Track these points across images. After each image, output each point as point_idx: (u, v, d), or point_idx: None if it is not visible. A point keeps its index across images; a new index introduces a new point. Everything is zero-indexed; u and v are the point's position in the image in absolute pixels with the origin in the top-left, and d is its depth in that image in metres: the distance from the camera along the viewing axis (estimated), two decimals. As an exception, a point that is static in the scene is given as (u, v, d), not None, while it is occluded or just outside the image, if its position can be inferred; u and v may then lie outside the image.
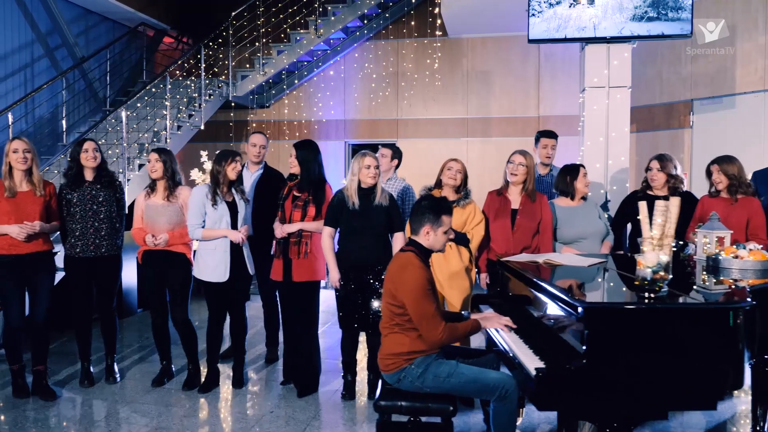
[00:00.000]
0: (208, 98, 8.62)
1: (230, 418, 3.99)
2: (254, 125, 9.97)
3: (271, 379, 4.77)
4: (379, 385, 3.08)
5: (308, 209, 4.31)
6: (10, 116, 6.62)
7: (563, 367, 2.36)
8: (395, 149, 5.12)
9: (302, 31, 9.15)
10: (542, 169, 5.28)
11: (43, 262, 4.32)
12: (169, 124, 7.64)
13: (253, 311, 5.87)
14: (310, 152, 4.38)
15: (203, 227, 4.31)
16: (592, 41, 5.27)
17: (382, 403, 2.88)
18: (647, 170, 4.66)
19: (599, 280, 3.16)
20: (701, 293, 2.88)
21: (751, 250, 3.32)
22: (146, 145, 7.54)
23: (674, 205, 2.56)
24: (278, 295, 4.56)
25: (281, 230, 4.31)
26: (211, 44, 9.25)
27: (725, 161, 4.31)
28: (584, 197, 4.53)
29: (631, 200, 4.77)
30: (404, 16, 9.68)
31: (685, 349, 2.27)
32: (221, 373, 4.62)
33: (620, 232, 4.88)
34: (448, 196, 4.37)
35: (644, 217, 2.60)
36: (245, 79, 9.05)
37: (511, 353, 2.79)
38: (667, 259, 2.45)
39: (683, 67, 7.81)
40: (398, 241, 4.23)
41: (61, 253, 5.27)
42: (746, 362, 2.37)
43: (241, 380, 4.55)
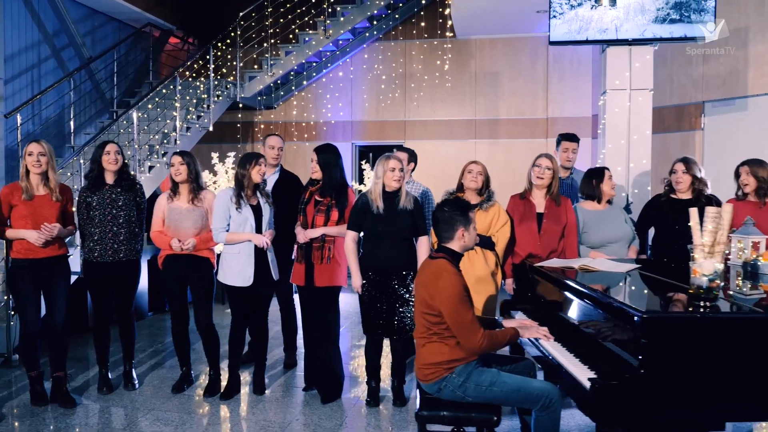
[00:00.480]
0: (216, 99, 8.55)
1: (256, 425, 3.92)
2: (262, 126, 9.90)
3: (292, 384, 4.70)
4: (417, 394, 3.03)
5: (331, 214, 4.25)
6: (18, 117, 6.54)
7: (619, 377, 2.31)
8: (411, 152, 5.07)
9: (311, 31, 9.09)
10: (562, 172, 5.23)
11: (59, 266, 4.26)
12: (179, 125, 7.56)
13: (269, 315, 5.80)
14: (331, 156, 4.32)
15: (228, 231, 4.25)
16: (613, 43, 5.23)
17: (423, 413, 2.82)
18: (671, 173, 4.61)
19: (643, 287, 3.11)
20: (743, 300, 2.83)
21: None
22: (156, 146, 7.46)
23: (726, 211, 2.52)
24: (299, 299, 4.50)
25: (304, 235, 4.25)
26: (219, 44, 9.18)
27: (756, 164, 4.28)
28: (610, 201, 4.48)
29: (654, 204, 4.73)
30: (412, 17, 9.63)
31: (746, 358, 2.22)
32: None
33: (643, 236, 4.83)
34: (470, 199, 4.31)
35: (695, 223, 2.56)
36: (253, 79, 8.98)
37: (555, 362, 2.74)
38: (722, 267, 2.41)
39: (694, 68, 7.78)
40: (423, 245, 4.18)
41: (73, 257, 5.21)
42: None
43: (262, 386, 4.49)
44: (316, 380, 4.46)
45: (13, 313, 5.12)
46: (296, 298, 5.00)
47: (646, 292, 2.99)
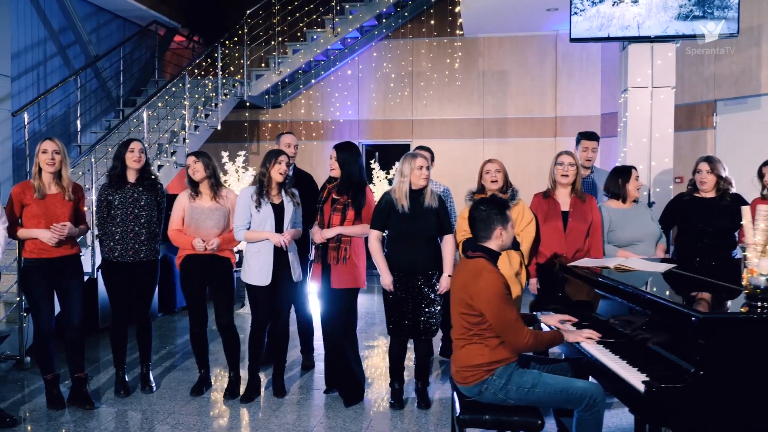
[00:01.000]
0: (224, 98, 8.46)
1: (279, 429, 3.84)
2: (270, 125, 9.81)
3: (311, 387, 4.62)
4: (455, 398, 2.95)
5: (347, 213, 4.16)
6: (26, 115, 6.44)
7: (675, 380, 2.24)
8: (431, 151, 5.00)
9: (319, 30, 9.01)
10: (583, 171, 5.17)
11: (72, 265, 4.17)
12: (188, 124, 7.47)
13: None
14: (351, 154, 4.24)
15: (249, 229, 4.18)
16: (635, 40, 5.17)
17: (464, 417, 2.75)
18: (695, 172, 4.56)
19: (689, 287, 3.04)
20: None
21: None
22: (165, 145, 7.36)
23: (779, 210, 2.45)
24: (319, 301, 4.40)
25: (320, 235, 4.17)
26: (227, 42, 9.09)
27: None
28: (635, 199, 4.43)
29: (677, 203, 4.68)
30: (419, 15, 9.57)
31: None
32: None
33: (666, 236, 4.78)
34: (494, 199, 4.25)
35: (747, 222, 2.50)
36: (260, 78, 8.90)
37: (601, 364, 2.67)
38: (779, 266, 2.34)
39: (706, 67, 7.75)
40: (448, 244, 4.11)
41: (84, 257, 5.12)
42: None
43: (282, 389, 4.41)
44: (337, 382, 4.38)
45: (25, 314, 5.02)
46: (311, 299, 4.93)
47: (694, 292, 2.92)
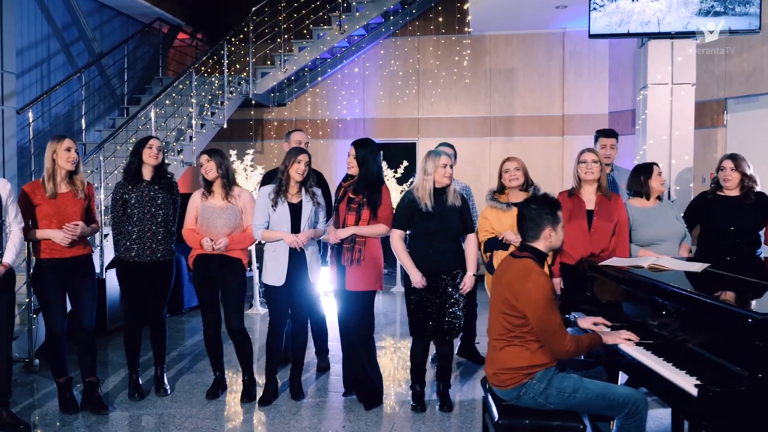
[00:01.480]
0: (230, 96, 8.35)
1: (301, 433, 3.76)
2: (276, 124, 9.71)
3: (329, 389, 4.53)
4: (490, 402, 2.86)
5: (362, 212, 4.05)
6: (30, 114, 6.32)
7: (730, 383, 2.17)
8: (453, 147, 4.91)
9: (325, 27, 8.91)
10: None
11: (85, 266, 4.07)
12: (194, 122, 7.36)
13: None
14: (370, 152, 4.14)
15: (267, 228, 4.09)
16: (655, 36, 5.09)
17: (503, 422, 2.66)
18: (719, 170, 4.48)
19: (733, 287, 2.95)
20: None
21: None
22: (173, 143, 7.25)
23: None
24: (336, 303, 4.29)
25: (335, 235, 4.07)
26: (233, 40, 8.98)
27: None
28: (659, 197, 4.35)
29: (700, 202, 4.60)
30: (426, 12, 9.48)
31: None
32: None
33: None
34: (514, 198, 4.17)
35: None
36: (265, 76, 8.80)
37: (645, 366, 2.59)
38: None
39: (716, 65, 7.68)
40: (471, 243, 4.03)
41: (94, 256, 5.00)
42: None
43: (300, 391, 4.31)
44: (355, 385, 4.28)
45: (34, 316, 4.91)
46: (324, 300, 4.81)
47: (740, 292, 2.83)
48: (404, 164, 8.17)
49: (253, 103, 9.16)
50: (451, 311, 3.94)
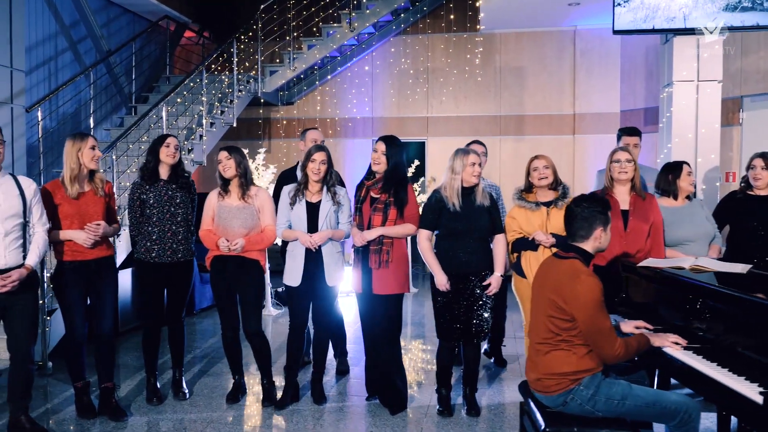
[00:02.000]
0: (239, 94, 8.24)
1: (327, 439, 3.66)
2: (285, 123, 9.61)
3: (350, 393, 4.43)
4: (533, 408, 2.77)
5: (389, 212, 3.94)
6: (39, 112, 6.21)
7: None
8: (484, 145, 4.82)
9: (335, 25, 8.81)
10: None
11: (107, 269, 3.96)
12: (205, 121, 7.26)
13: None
14: (399, 148, 4.05)
15: (289, 227, 4.00)
16: (681, 32, 5.00)
17: (550, 429, 2.57)
18: (749, 169, 4.40)
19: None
20: None
21: None
22: (184, 142, 7.14)
23: None
24: (358, 307, 4.17)
25: (361, 237, 3.95)
26: (242, 38, 8.87)
27: None
28: (689, 197, 4.26)
29: (729, 201, 4.52)
30: (435, 10, 9.38)
31: None
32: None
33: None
34: (542, 197, 4.07)
35: None
36: (274, 74, 8.69)
37: (698, 372, 2.49)
38: None
39: (731, 63, 7.59)
40: (500, 243, 3.93)
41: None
42: None
43: (322, 395, 4.20)
44: (379, 389, 4.18)
45: (48, 317, 4.80)
46: (341, 301, 4.69)
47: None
48: (416, 163, 8.04)
49: (261, 102, 9.05)
50: (479, 313, 3.85)
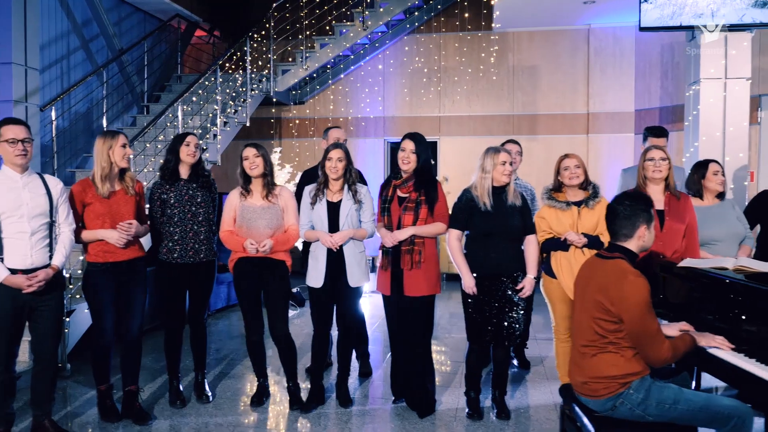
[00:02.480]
0: (252, 93, 8.18)
1: (357, 443, 3.59)
2: (297, 122, 9.54)
3: (375, 395, 4.36)
4: (579, 413, 2.70)
5: (420, 211, 3.86)
6: (53, 111, 6.16)
7: None
8: (519, 144, 4.76)
9: (347, 23, 8.74)
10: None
11: (138, 271, 3.85)
12: (219, 120, 7.19)
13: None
14: (427, 146, 3.97)
15: (311, 228, 3.94)
16: (709, 29, 4.93)
17: (600, 434, 2.50)
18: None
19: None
20: None
21: None
22: (199, 142, 7.08)
23: None
24: (385, 310, 4.08)
25: (392, 238, 3.86)
26: (255, 36, 8.81)
27: None
28: (719, 196, 4.18)
29: (761, 200, 4.45)
30: (449, 9, 9.31)
31: None
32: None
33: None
34: (572, 197, 3.99)
35: None
36: (286, 73, 8.62)
37: (752, 375, 2.42)
38: None
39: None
40: (532, 244, 3.85)
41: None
42: None
43: (347, 398, 4.14)
44: (406, 392, 4.11)
45: (67, 319, 4.73)
46: (362, 302, 4.63)
47: None
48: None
49: (274, 101, 8.99)
50: (511, 316, 3.78)
